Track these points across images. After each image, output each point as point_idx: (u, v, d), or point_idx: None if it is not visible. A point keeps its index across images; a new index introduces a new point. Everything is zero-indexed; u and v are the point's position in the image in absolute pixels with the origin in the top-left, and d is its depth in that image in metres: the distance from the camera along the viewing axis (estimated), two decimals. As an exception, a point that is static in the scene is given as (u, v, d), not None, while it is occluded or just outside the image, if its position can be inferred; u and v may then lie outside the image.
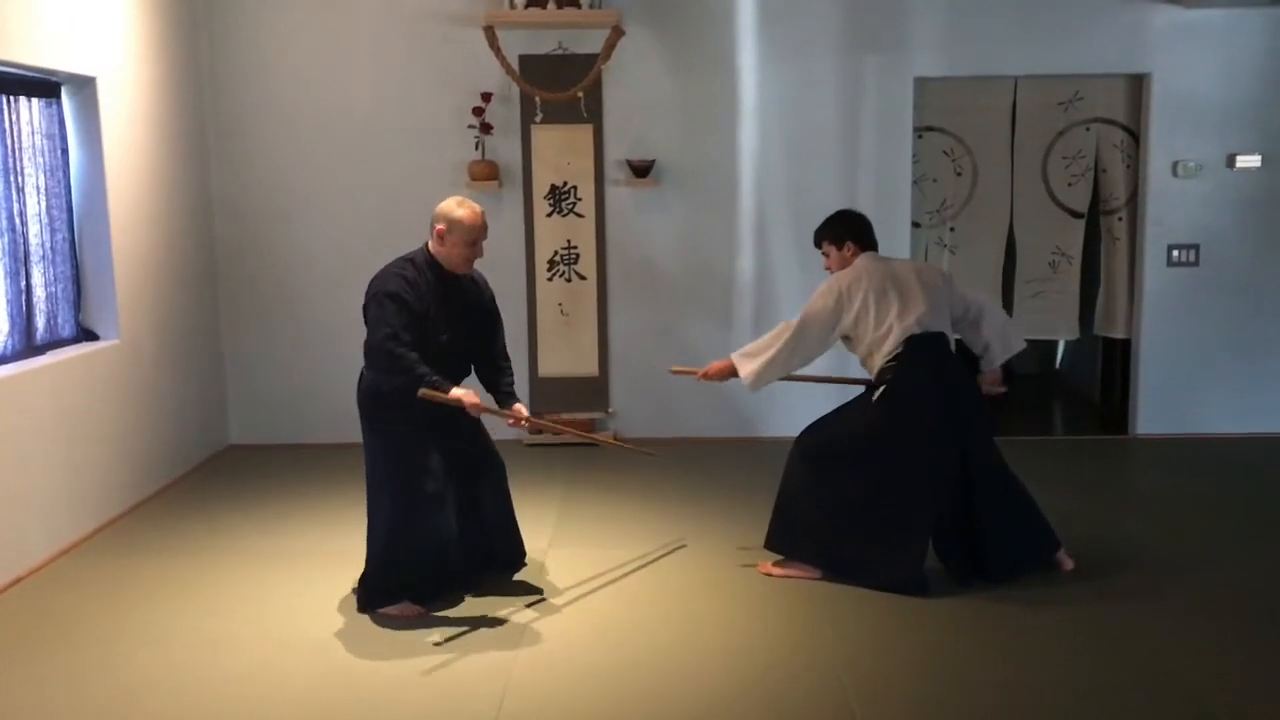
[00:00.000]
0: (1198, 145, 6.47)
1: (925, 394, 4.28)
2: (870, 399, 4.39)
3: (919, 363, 4.29)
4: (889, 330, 4.31)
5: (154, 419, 5.73)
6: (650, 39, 6.42)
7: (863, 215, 4.63)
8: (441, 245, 4.15)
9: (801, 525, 4.43)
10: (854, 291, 4.37)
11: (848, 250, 4.51)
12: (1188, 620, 4.00)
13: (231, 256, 6.60)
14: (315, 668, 3.70)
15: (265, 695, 3.51)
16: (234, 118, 6.50)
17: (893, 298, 4.35)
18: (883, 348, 4.33)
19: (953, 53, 6.43)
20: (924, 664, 3.68)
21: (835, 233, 4.55)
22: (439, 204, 4.19)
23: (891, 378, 4.30)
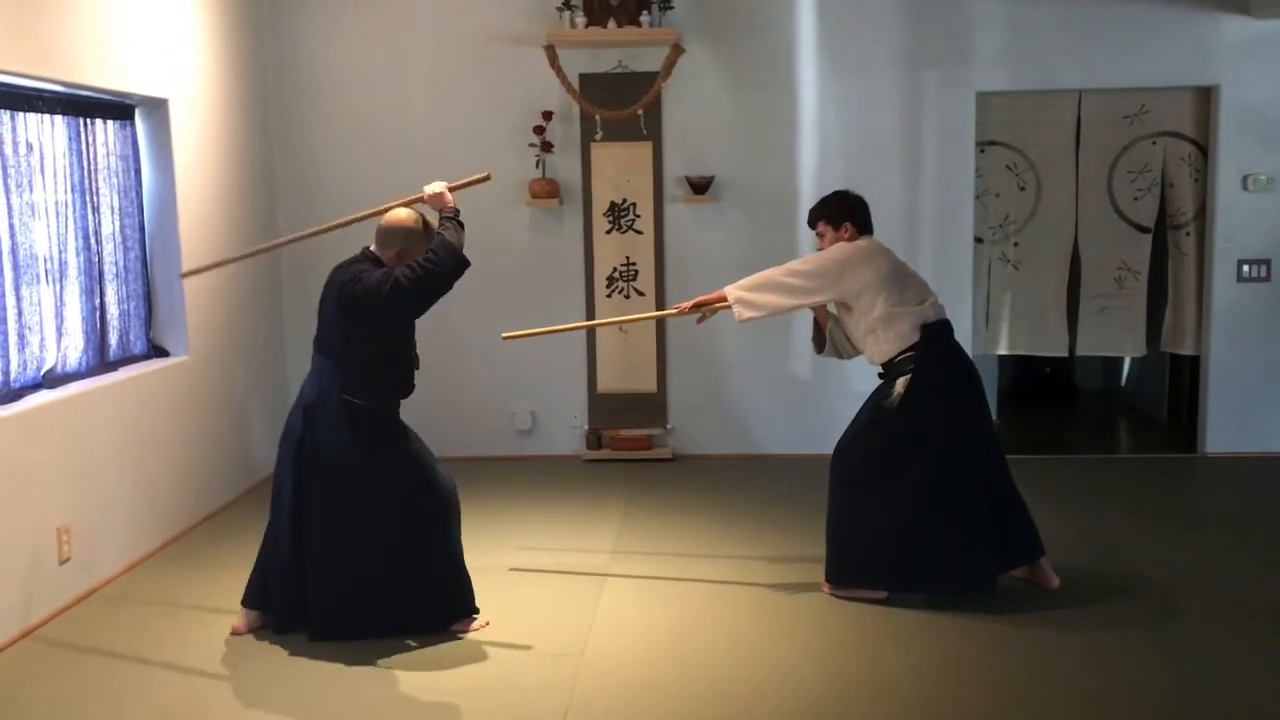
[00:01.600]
0: (1268, 158, 6.34)
1: (953, 384, 4.26)
2: (889, 399, 4.29)
3: (940, 352, 4.27)
4: (902, 312, 4.26)
5: (222, 434, 5.83)
6: (709, 56, 6.44)
7: (861, 197, 4.55)
8: (398, 261, 4.03)
9: (858, 551, 4.35)
10: (866, 259, 4.31)
11: (845, 232, 4.45)
12: (1264, 643, 3.91)
13: (297, 273, 6.69)
14: (375, 682, 3.73)
15: (325, 708, 3.55)
16: (299, 137, 6.61)
17: (903, 278, 4.34)
18: (893, 329, 4.26)
19: (1015, 67, 6.37)
20: (991, 686, 3.63)
21: (834, 213, 4.49)
22: (387, 220, 4.14)
23: (914, 369, 4.23)
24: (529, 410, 6.73)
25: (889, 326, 4.29)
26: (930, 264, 6.52)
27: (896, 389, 4.28)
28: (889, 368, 4.35)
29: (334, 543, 4.01)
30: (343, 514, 4.01)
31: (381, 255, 4.10)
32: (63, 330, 4.74)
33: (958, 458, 4.25)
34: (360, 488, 4.01)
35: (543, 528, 5.39)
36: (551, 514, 5.60)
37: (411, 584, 4.05)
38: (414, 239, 4.06)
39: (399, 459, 4.06)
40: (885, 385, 4.37)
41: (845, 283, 4.34)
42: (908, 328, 4.27)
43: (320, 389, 4.08)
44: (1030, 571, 4.44)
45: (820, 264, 4.39)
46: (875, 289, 4.29)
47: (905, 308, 4.29)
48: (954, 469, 4.24)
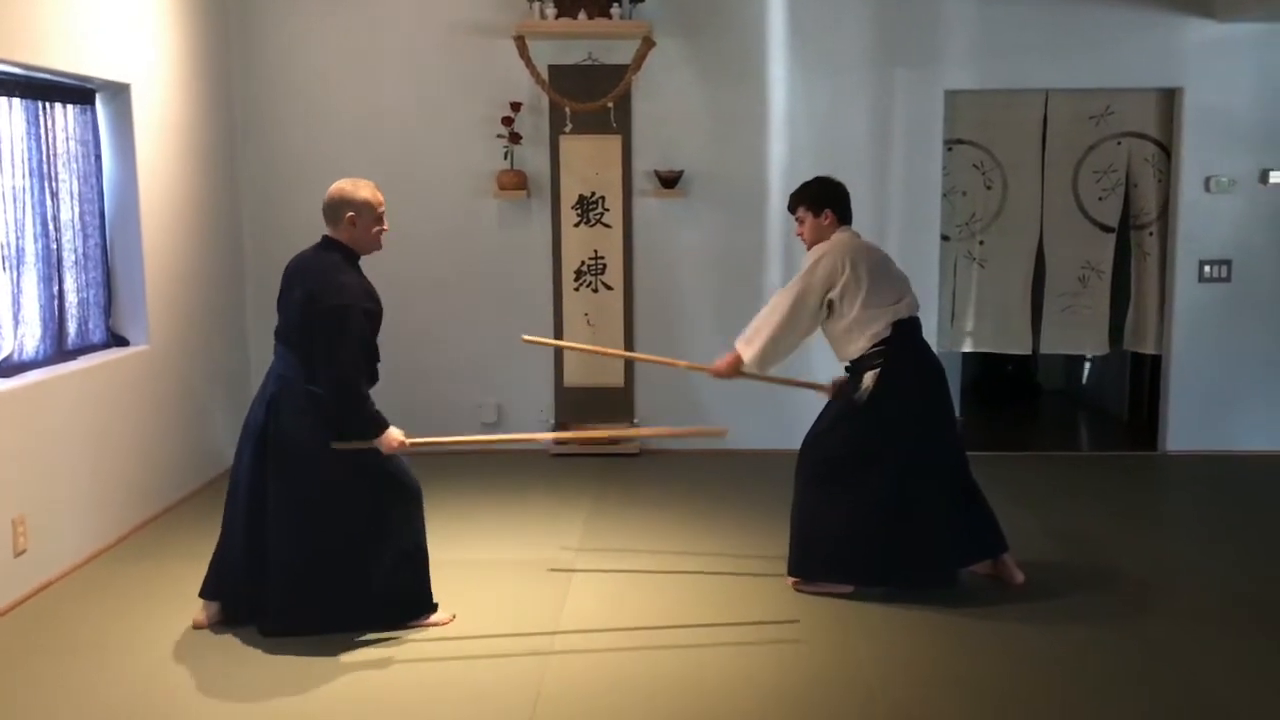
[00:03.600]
0: (1230, 160, 6.42)
1: (919, 380, 4.29)
2: (858, 393, 4.28)
3: (909, 348, 4.29)
4: (878, 313, 4.25)
5: (182, 424, 5.74)
6: (680, 50, 6.42)
7: (843, 184, 4.51)
8: (357, 231, 4.00)
9: (826, 545, 4.35)
10: (848, 263, 4.27)
11: (825, 219, 4.42)
12: (1226, 635, 3.95)
13: (260, 263, 6.61)
14: (341, 677, 3.69)
15: (290, 703, 3.50)
16: (264, 125, 6.52)
17: (881, 278, 4.31)
18: (869, 329, 4.26)
19: (983, 66, 6.41)
20: (957, 679, 3.64)
21: (815, 199, 4.44)
22: (330, 194, 4.04)
23: (883, 365, 4.23)
24: (495, 403, 6.69)
25: (865, 327, 4.28)
26: (897, 260, 6.39)
27: (865, 383, 4.28)
28: (856, 363, 4.35)
29: (294, 535, 3.95)
30: (303, 506, 3.95)
31: (337, 234, 4.03)
32: (20, 318, 4.64)
33: (924, 453, 4.27)
34: (322, 479, 3.95)
35: (509, 522, 5.36)
36: (518, 508, 5.57)
37: (370, 577, 3.99)
38: (356, 205, 3.98)
39: (362, 451, 3.98)
40: (853, 379, 4.37)
41: (832, 294, 4.30)
42: (881, 325, 4.27)
43: (284, 379, 4.01)
44: (994, 566, 4.47)
45: (801, 294, 4.31)
46: (853, 295, 4.27)
47: (881, 309, 4.28)
48: (920, 464, 4.26)
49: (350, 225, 3.99)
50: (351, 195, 3.99)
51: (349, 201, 3.98)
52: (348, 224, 3.99)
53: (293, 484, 3.95)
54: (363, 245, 4.07)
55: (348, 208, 3.98)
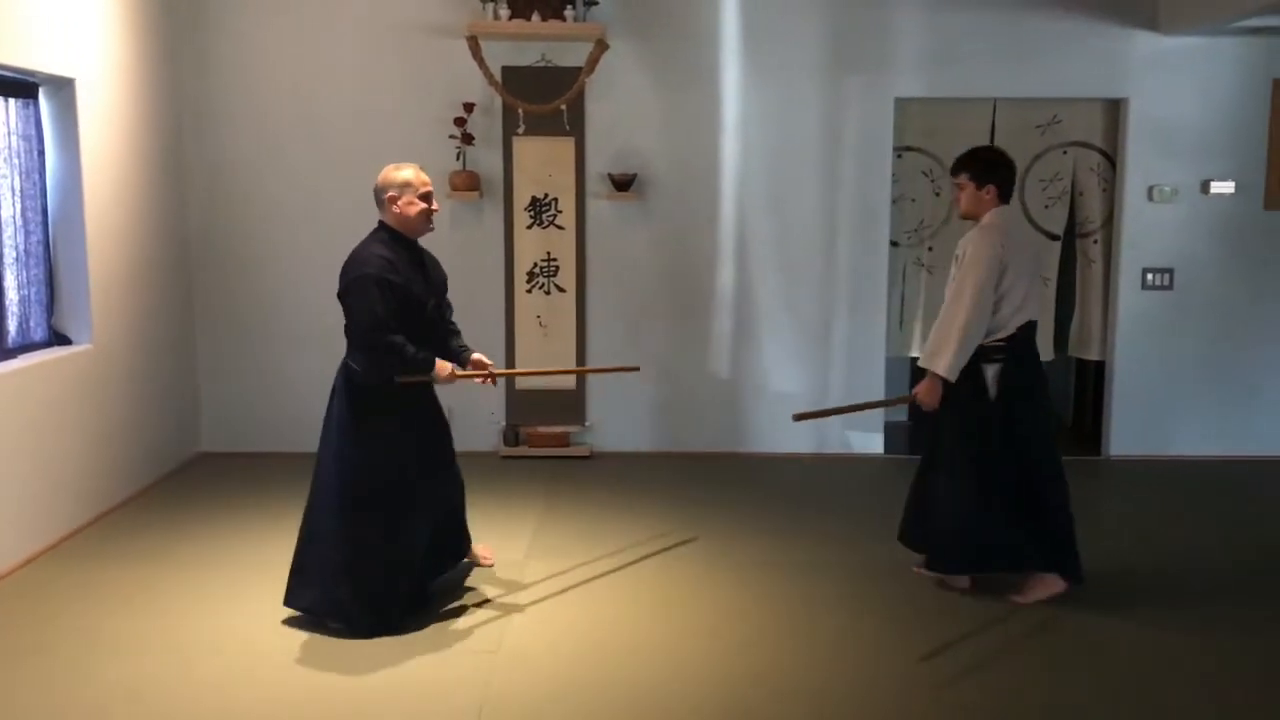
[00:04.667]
0: (1173, 170, 6.55)
1: (1040, 376, 4.33)
2: (979, 389, 4.25)
3: (1027, 344, 4.29)
4: (1015, 310, 4.23)
5: (125, 425, 5.66)
6: (634, 53, 6.43)
7: (1012, 162, 4.42)
8: (398, 211, 4.09)
9: (974, 538, 4.34)
10: (1007, 257, 4.20)
11: (986, 193, 4.32)
12: (1160, 634, 4.03)
13: (206, 263, 6.54)
14: (289, 678, 3.65)
15: (236, 705, 3.46)
16: (212, 124, 6.45)
17: (1025, 278, 4.25)
18: (1007, 322, 4.23)
19: (933, 74, 6.48)
20: (911, 680, 3.68)
21: (981, 172, 4.32)
22: (376, 181, 4.15)
23: (1004, 361, 4.23)
24: (445, 405, 6.62)
25: (999, 321, 4.23)
26: (847, 266, 6.62)
27: (988, 377, 4.26)
28: (980, 353, 4.27)
29: (309, 510, 4.11)
30: (319, 480, 4.09)
31: (385, 218, 4.15)
32: (-41, 315, 4.56)
33: (1048, 447, 4.34)
34: (335, 455, 4.05)
35: (458, 524, 5.33)
36: (468, 511, 5.52)
37: (343, 567, 3.98)
38: (396, 186, 4.09)
39: (377, 436, 4.04)
40: (972, 373, 4.27)
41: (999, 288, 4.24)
42: (1011, 323, 4.23)
43: (343, 364, 4.16)
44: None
45: (981, 286, 4.18)
46: (1014, 286, 4.22)
47: (1018, 307, 4.24)
48: (1046, 458, 4.32)
49: (391, 205, 4.10)
50: (392, 177, 4.11)
51: (389, 183, 4.10)
52: (389, 205, 4.11)
53: (321, 456, 4.13)
54: (408, 225, 4.14)
55: (388, 189, 4.10)
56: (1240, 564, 4.88)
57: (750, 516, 5.47)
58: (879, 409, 4.71)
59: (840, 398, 6.69)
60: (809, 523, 5.40)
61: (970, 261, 4.22)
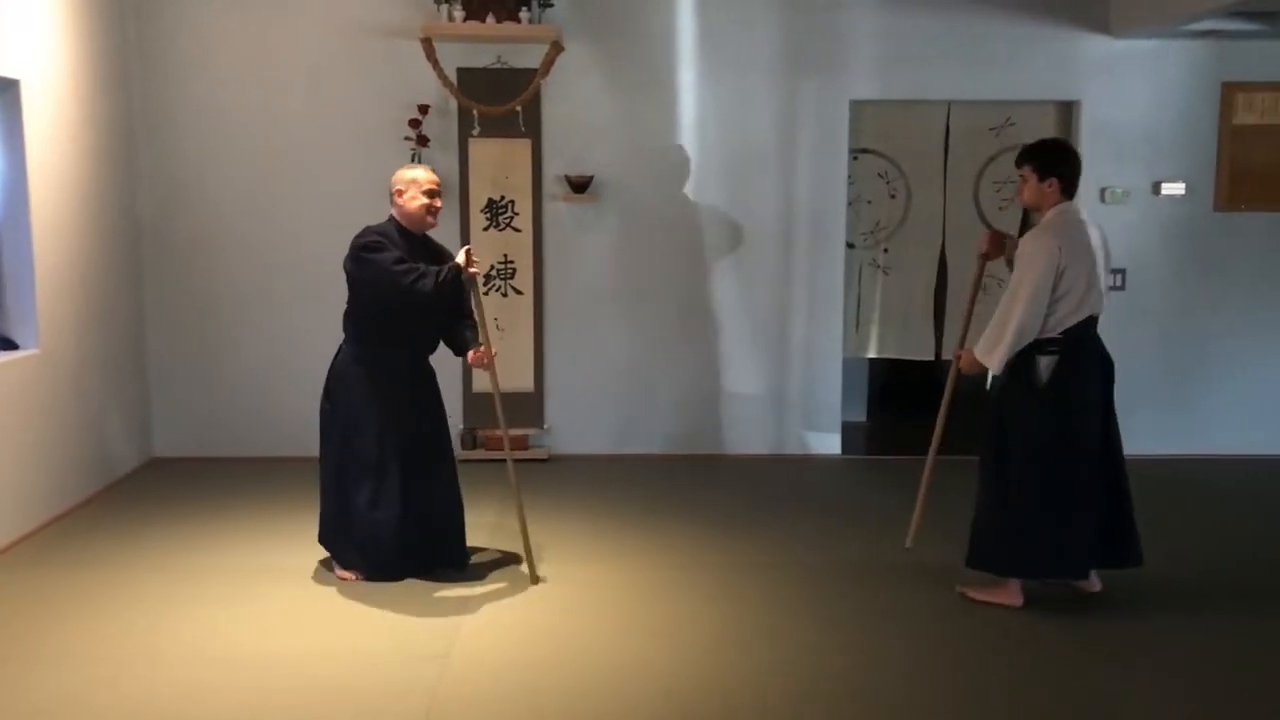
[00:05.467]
0: (1125, 172, 6.61)
1: (1102, 371, 4.32)
2: (1032, 385, 4.23)
3: (1089, 338, 4.27)
4: (1080, 306, 4.20)
5: (75, 430, 5.59)
6: (590, 55, 6.42)
7: (1078, 155, 4.39)
8: (402, 204, 4.40)
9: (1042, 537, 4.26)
10: (1064, 250, 4.15)
11: (1049, 186, 4.26)
12: (1120, 633, 4.07)
13: (158, 266, 6.47)
14: (234, 686, 3.61)
15: (180, 714, 3.42)
16: (163, 126, 6.38)
17: (1085, 276, 4.19)
18: (1066, 319, 4.19)
19: (888, 76, 6.51)
20: (844, 681, 3.69)
21: (1045, 165, 4.27)
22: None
23: (1061, 354, 4.19)
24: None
25: (1060, 316, 4.20)
26: (804, 268, 6.64)
27: (1040, 368, 4.23)
28: (1035, 346, 4.24)
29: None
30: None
31: (394, 213, 4.47)
32: (-101, 320, 4.49)
33: (1106, 443, 4.32)
34: (322, 422, 4.59)
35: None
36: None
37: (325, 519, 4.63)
38: (404, 182, 4.43)
39: (348, 404, 4.45)
40: (1023, 359, 4.26)
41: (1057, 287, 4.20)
42: (1072, 317, 4.20)
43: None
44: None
45: (1037, 289, 4.15)
46: (1073, 283, 4.19)
47: (1079, 303, 4.20)
48: (1105, 454, 4.31)
49: (397, 198, 4.42)
50: (401, 174, 4.46)
51: (398, 180, 4.45)
52: (395, 199, 4.43)
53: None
54: (410, 219, 4.44)
55: (396, 184, 4.44)
56: (1200, 561, 4.94)
57: (708, 519, 5.48)
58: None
59: (798, 399, 6.73)
60: (767, 524, 5.40)
61: (1028, 261, 4.18)
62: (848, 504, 5.87)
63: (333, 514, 4.59)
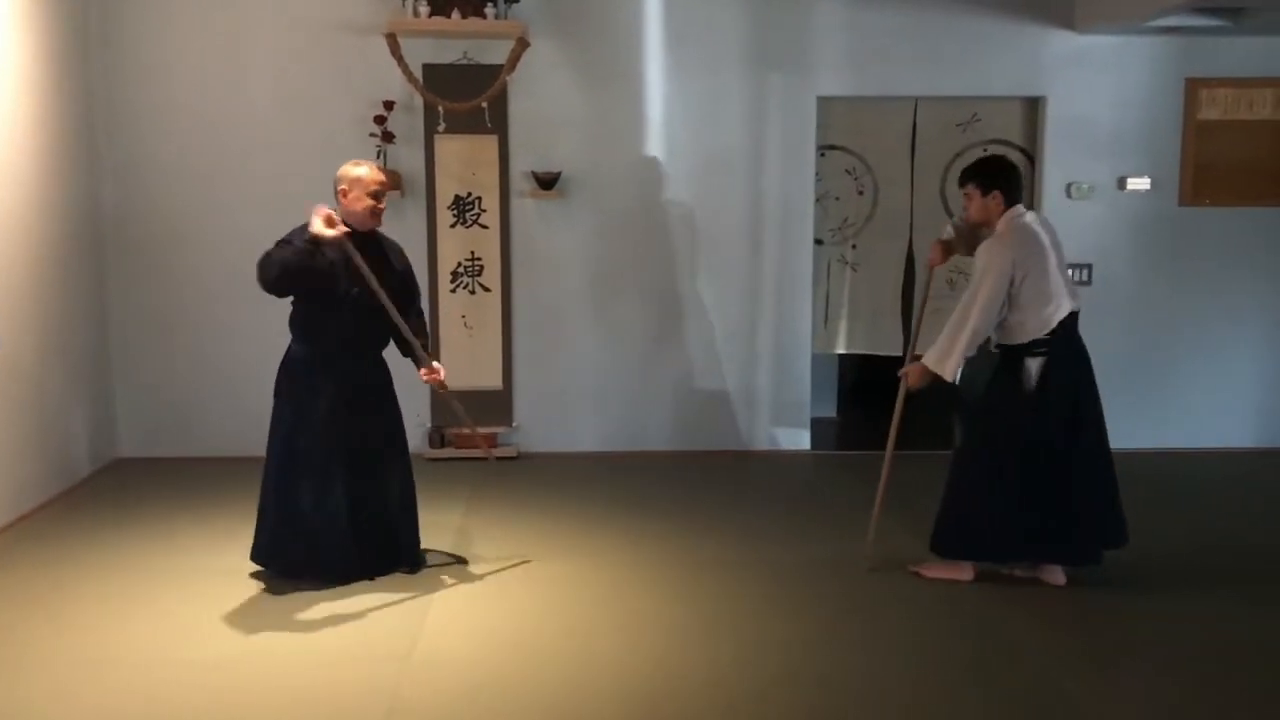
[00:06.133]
0: (1090, 167, 6.64)
1: (1079, 368, 4.41)
2: (1020, 383, 4.33)
3: (1068, 339, 4.36)
4: (1047, 309, 4.29)
5: (35, 430, 5.52)
6: (556, 51, 6.40)
7: (1016, 166, 4.55)
8: (346, 204, 4.35)
9: (975, 523, 4.40)
10: (1018, 259, 4.26)
11: (993, 200, 4.39)
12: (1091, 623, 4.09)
13: (120, 265, 6.41)
14: (195, 688, 3.58)
15: (141, 716, 3.39)
16: (125, 122, 6.32)
17: (1049, 274, 4.30)
18: (1040, 320, 4.29)
19: (855, 73, 6.52)
20: (808, 675, 3.69)
21: (986, 179, 4.42)
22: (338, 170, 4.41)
23: (1047, 354, 4.30)
24: (369, 407, 6.57)
25: (1032, 320, 4.30)
26: (772, 264, 6.64)
27: (1028, 368, 4.33)
28: (1015, 348, 4.37)
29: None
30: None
31: (339, 208, 4.38)
32: None
33: (1082, 438, 4.38)
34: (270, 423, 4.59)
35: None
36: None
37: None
38: (348, 180, 4.37)
39: (292, 403, 4.44)
40: (1007, 361, 4.38)
41: (1011, 292, 4.31)
42: (1046, 320, 4.30)
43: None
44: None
45: (990, 299, 4.28)
46: (1024, 290, 4.29)
47: (1047, 304, 4.30)
48: (1078, 448, 4.37)
49: (341, 198, 4.36)
50: (345, 172, 4.38)
51: (343, 177, 4.38)
52: (339, 197, 4.37)
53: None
54: (352, 217, 4.36)
55: (341, 182, 4.38)
56: (1170, 552, 4.97)
57: (675, 516, 5.47)
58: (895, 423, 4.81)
59: (767, 395, 6.74)
60: (734, 521, 5.40)
61: (982, 271, 4.32)
62: (816, 500, 5.88)
63: (272, 523, 4.46)
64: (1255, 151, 6.68)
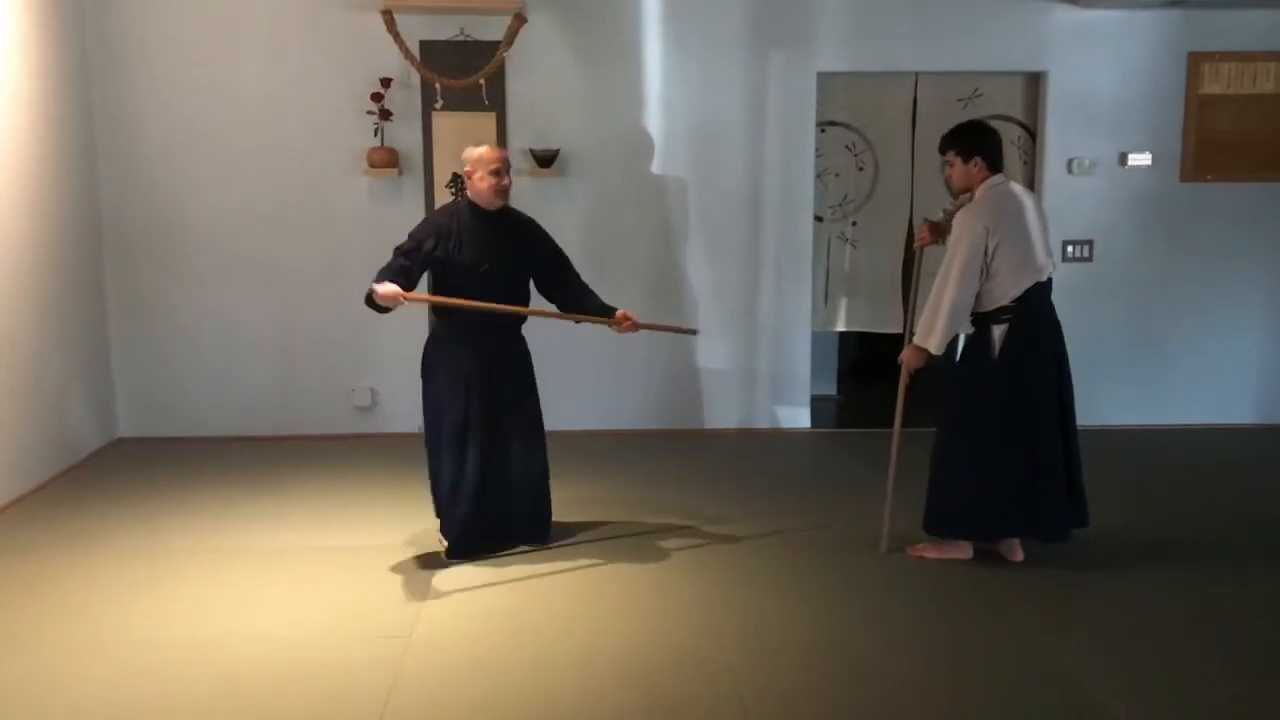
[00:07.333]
0: (1092, 143, 6.61)
1: (1051, 338, 4.39)
2: (985, 352, 4.34)
3: (1039, 308, 4.34)
4: (1020, 274, 4.27)
5: (35, 411, 5.51)
6: (554, 28, 6.35)
7: (996, 131, 4.50)
8: (472, 184, 4.53)
9: (962, 503, 4.41)
10: (993, 226, 4.25)
11: (974, 166, 4.38)
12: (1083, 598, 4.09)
13: (120, 246, 6.38)
14: (195, 668, 3.57)
15: (140, 696, 3.38)
16: (122, 103, 6.27)
17: (1023, 242, 4.29)
18: (1007, 290, 4.29)
19: (855, 48, 6.47)
20: (824, 656, 3.69)
21: (966, 145, 4.40)
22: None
23: (1012, 321, 4.29)
24: (368, 387, 6.57)
25: (1004, 287, 4.29)
26: (772, 241, 6.61)
27: (994, 337, 4.33)
28: (985, 316, 4.37)
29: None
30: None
31: (468, 189, 4.61)
32: None
33: (1055, 411, 4.38)
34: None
35: (378, 508, 5.25)
36: (388, 494, 5.46)
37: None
38: (471, 161, 4.53)
39: (433, 384, 4.57)
40: (979, 333, 4.39)
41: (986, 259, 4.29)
42: (1018, 287, 4.29)
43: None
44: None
45: (965, 267, 4.26)
46: (1000, 256, 4.27)
47: (1021, 270, 4.28)
48: (1053, 421, 4.37)
49: (467, 178, 4.55)
50: (467, 154, 4.55)
51: (465, 159, 4.55)
52: (466, 178, 4.55)
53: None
54: (479, 196, 4.57)
55: (465, 163, 4.55)
56: (1170, 528, 4.97)
57: (676, 494, 5.46)
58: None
59: (767, 373, 6.72)
60: (734, 499, 5.39)
61: (955, 240, 4.32)
62: (815, 478, 5.88)
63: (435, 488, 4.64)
64: (1257, 126, 6.64)
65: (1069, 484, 4.42)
